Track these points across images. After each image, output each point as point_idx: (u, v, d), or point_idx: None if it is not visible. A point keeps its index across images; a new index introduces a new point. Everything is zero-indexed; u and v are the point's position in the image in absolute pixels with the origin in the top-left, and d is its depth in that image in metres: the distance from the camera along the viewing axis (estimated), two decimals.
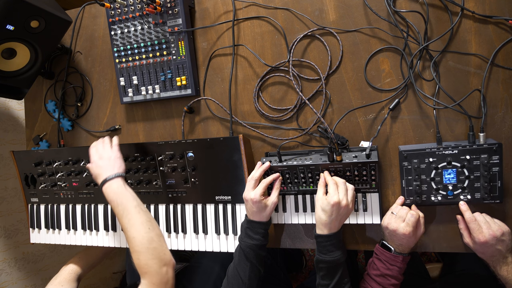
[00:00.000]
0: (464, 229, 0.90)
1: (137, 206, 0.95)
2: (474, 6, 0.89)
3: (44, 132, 1.39)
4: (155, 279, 0.86)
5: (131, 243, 0.91)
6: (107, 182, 0.98)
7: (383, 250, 0.93)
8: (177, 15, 1.08)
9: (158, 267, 0.87)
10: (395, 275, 0.90)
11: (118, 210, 0.95)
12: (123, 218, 0.94)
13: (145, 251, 0.88)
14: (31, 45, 1.13)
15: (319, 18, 1.01)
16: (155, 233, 0.93)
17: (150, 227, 0.92)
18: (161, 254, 0.89)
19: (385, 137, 0.98)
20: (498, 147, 0.84)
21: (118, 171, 1.01)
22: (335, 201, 0.87)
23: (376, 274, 0.92)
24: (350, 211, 0.90)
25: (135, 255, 0.89)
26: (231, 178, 1.05)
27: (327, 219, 0.88)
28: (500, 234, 0.83)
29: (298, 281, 1.91)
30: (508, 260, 0.84)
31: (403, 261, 0.91)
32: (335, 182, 0.91)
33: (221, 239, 1.08)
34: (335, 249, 0.89)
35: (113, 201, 0.96)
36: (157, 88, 1.15)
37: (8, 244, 1.53)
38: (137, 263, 0.89)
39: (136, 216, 0.93)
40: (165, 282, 0.87)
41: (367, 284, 0.94)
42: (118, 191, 0.96)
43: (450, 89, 0.92)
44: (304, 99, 1.02)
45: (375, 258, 0.95)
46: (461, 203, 0.89)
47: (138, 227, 0.91)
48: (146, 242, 0.89)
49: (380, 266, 0.92)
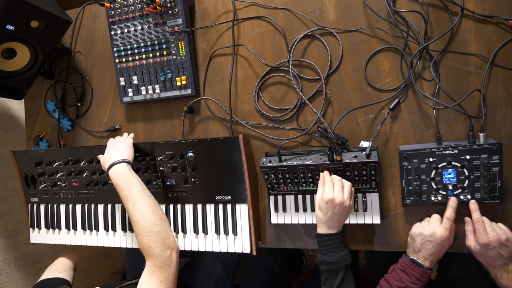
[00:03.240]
0: (470, 232, 0.88)
1: (142, 190, 0.98)
2: (474, 6, 0.89)
3: (44, 132, 1.39)
4: (158, 261, 0.89)
5: (136, 226, 0.94)
6: (113, 166, 1.01)
7: (412, 265, 0.89)
8: (177, 15, 1.08)
9: (161, 250, 0.90)
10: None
11: (123, 194, 0.97)
12: (128, 202, 0.96)
13: (148, 234, 0.91)
14: (31, 45, 1.13)
15: (319, 18, 1.01)
16: (159, 217, 0.95)
17: (154, 211, 0.95)
18: (165, 237, 0.93)
19: (385, 137, 0.98)
20: (498, 147, 0.84)
21: (126, 157, 1.04)
22: (329, 198, 0.87)
23: (399, 286, 0.89)
24: (347, 208, 0.89)
25: (139, 238, 0.93)
26: (231, 178, 1.05)
27: (323, 216, 0.89)
28: (505, 238, 0.83)
29: (298, 281, 1.91)
30: (509, 268, 0.84)
31: (428, 276, 0.88)
32: (331, 180, 0.91)
33: (221, 239, 1.08)
34: (335, 250, 0.88)
35: (119, 185, 0.99)
36: (157, 88, 1.15)
37: (8, 244, 1.53)
38: (142, 246, 0.92)
39: (140, 200, 0.96)
40: (168, 264, 0.90)
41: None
42: (124, 176, 0.99)
43: (450, 89, 0.92)
44: (304, 99, 1.02)
45: (399, 270, 0.91)
46: (472, 202, 0.88)
47: (142, 210, 0.94)
48: (149, 225, 0.92)
49: (405, 278, 0.89)
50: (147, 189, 1.01)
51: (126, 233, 1.20)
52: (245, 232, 1.05)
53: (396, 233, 0.99)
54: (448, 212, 0.89)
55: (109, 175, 1.02)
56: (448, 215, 0.88)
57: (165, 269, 0.90)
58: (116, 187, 1.00)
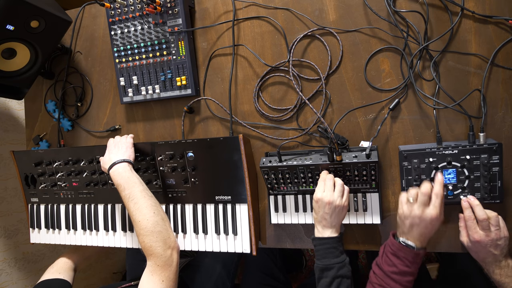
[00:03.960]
0: (463, 228, 0.89)
1: (143, 190, 0.99)
2: (474, 6, 0.89)
3: (44, 132, 1.39)
4: (159, 261, 0.90)
5: (137, 226, 0.94)
6: (114, 166, 1.02)
7: (401, 246, 0.84)
8: (177, 15, 1.08)
9: (162, 250, 0.91)
10: (413, 271, 0.84)
11: (125, 194, 0.98)
12: (130, 202, 0.96)
13: (149, 234, 0.92)
14: (31, 45, 1.13)
15: (319, 18, 1.01)
16: (160, 217, 0.96)
17: (156, 211, 0.96)
18: (166, 237, 0.93)
19: (385, 137, 0.98)
20: (498, 147, 0.84)
21: (127, 157, 1.05)
22: (318, 197, 0.88)
23: (393, 271, 0.84)
24: (339, 207, 0.87)
25: (141, 238, 0.93)
26: (231, 178, 1.05)
27: (316, 215, 0.90)
28: (497, 237, 0.82)
29: (298, 281, 1.91)
30: (502, 264, 0.83)
31: (422, 256, 0.85)
32: (324, 179, 0.91)
33: (221, 239, 1.08)
34: (329, 256, 0.86)
35: (120, 185, 0.99)
36: (157, 88, 1.15)
37: (8, 244, 1.53)
38: (143, 246, 0.93)
39: (142, 200, 0.96)
40: (169, 264, 0.91)
41: (382, 281, 0.86)
42: (125, 175, 0.99)
43: (450, 89, 0.92)
44: (304, 99, 1.02)
45: (390, 254, 0.86)
46: (463, 199, 0.87)
47: (143, 210, 0.94)
48: (151, 225, 0.93)
49: (397, 262, 0.84)
50: (148, 189, 1.01)
51: (126, 233, 1.20)
52: (245, 232, 1.05)
53: None
54: (436, 187, 0.84)
55: (110, 175, 1.02)
56: (436, 191, 0.83)
57: (166, 269, 0.90)
58: (117, 187, 1.00)
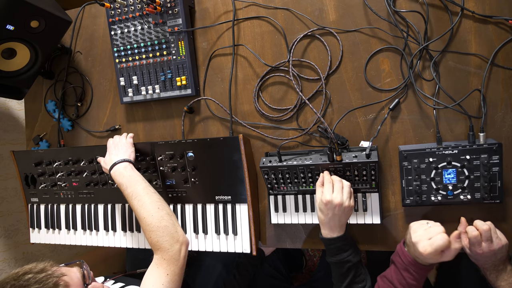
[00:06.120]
0: (463, 232, 0.87)
1: (146, 187, 0.99)
2: (474, 6, 0.89)
3: (44, 132, 1.39)
4: (166, 255, 0.90)
5: (142, 223, 0.94)
6: (115, 166, 1.02)
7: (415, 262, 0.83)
8: (177, 15, 1.08)
9: (169, 244, 0.91)
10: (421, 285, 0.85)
11: (128, 193, 0.98)
12: (133, 200, 0.96)
13: (155, 230, 0.92)
14: (31, 45, 1.13)
15: (319, 18, 1.01)
16: (165, 212, 0.96)
17: (160, 207, 0.96)
18: (173, 231, 0.93)
19: (385, 137, 0.98)
20: (498, 147, 0.84)
21: (128, 157, 1.05)
22: (328, 200, 0.87)
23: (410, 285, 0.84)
24: (347, 208, 0.88)
25: (147, 234, 0.93)
26: (231, 178, 1.05)
27: (324, 218, 0.89)
28: (498, 248, 0.82)
29: (298, 281, 1.91)
30: (499, 268, 0.85)
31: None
32: (331, 181, 0.91)
33: (221, 239, 1.08)
34: (340, 252, 0.90)
35: (122, 184, 0.99)
36: (157, 88, 1.15)
37: (8, 244, 1.53)
38: (150, 242, 0.93)
39: (145, 196, 0.96)
40: (176, 258, 0.91)
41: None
42: (127, 174, 1.00)
43: (450, 89, 0.92)
44: (304, 99, 1.02)
45: (404, 271, 0.85)
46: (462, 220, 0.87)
47: (148, 207, 0.94)
48: (156, 220, 0.92)
49: (407, 276, 0.84)
50: (151, 186, 1.01)
51: (126, 233, 1.20)
52: (245, 232, 1.05)
53: (396, 233, 0.99)
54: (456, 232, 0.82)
55: (112, 176, 1.02)
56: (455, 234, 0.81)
57: (172, 263, 0.90)
58: (119, 187, 1.00)
